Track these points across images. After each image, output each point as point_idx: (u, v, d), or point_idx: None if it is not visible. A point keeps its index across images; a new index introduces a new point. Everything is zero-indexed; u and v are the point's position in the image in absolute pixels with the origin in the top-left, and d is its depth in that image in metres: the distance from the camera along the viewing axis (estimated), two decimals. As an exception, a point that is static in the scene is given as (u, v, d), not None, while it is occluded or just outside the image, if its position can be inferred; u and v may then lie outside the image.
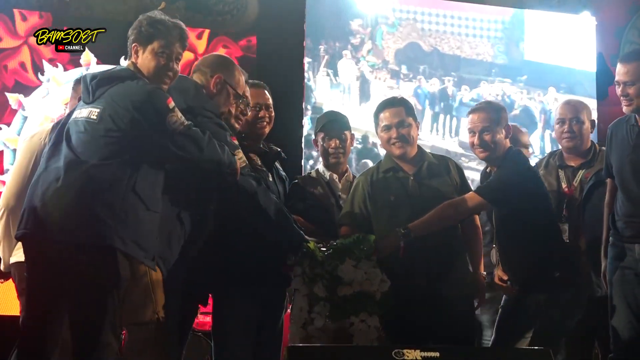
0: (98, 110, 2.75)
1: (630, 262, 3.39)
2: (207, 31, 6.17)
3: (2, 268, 3.59)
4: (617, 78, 3.47)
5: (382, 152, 6.23)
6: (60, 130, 2.86)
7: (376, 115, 3.56)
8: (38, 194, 2.74)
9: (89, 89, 2.82)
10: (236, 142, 3.11)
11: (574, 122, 3.84)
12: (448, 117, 6.64)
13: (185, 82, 3.13)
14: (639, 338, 3.39)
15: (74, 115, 2.83)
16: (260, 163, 3.44)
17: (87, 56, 5.86)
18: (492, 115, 3.44)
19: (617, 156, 3.47)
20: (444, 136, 6.45)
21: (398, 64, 6.62)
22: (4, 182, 3.95)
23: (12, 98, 5.72)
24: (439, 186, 3.45)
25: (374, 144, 6.18)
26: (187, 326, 3.33)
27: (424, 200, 3.37)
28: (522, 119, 6.63)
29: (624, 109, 3.49)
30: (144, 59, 2.88)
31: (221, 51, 5.97)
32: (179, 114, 2.80)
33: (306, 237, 3.22)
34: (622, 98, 3.45)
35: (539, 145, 6.69)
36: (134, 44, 2.90)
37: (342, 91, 6.37)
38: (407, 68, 6.65)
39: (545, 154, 4.30)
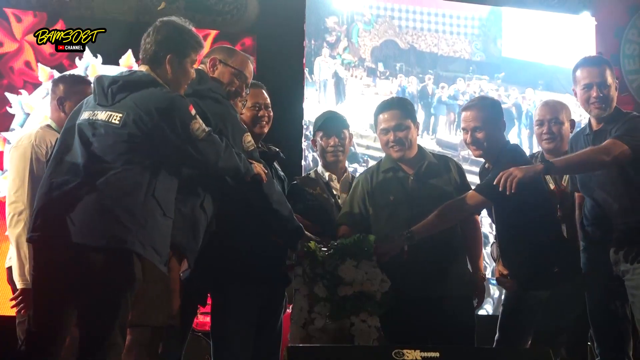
0: (120, 115, 2.73)
1: (605, 265, 3.40)
2: (207, 31, 6.17)
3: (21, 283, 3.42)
4: (587, 80, 3.45)
5: (360, 150, 6.32)
6: (70, 131, 2.83)
7: (375, 116, 3.56)
8: (50, 196, 2.72)
9: (106, 92, 2.79)
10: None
11: (553, 123, 3.81)
12: (425, 115, 6.62)
13: None
14: (621, 339, 3.42)
15: (85, 116, 2.80)
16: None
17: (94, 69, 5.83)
18: (484, 112, 3.42)
19: None
20: (422, 135, 6.44)
21: (374, 61, 6.59)
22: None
23: None
24: (439, 186, 3.45)
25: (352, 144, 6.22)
26: (186, 326, 3.33)
27: (423, 200, 3.37)
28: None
29: (596, 112, 3.45)
30: (179, 70, 2.88)
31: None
32: (200, 121, 2.81)
33: (305, 232, 3.23)
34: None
35: (517, 142, 6.67)
36: (169, 54, 2.85)
37: (318, 89, 6.35)
38: (383, 66, 6.61)
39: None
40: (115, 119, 2.73)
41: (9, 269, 3.48)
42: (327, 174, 3.74)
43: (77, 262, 2.63)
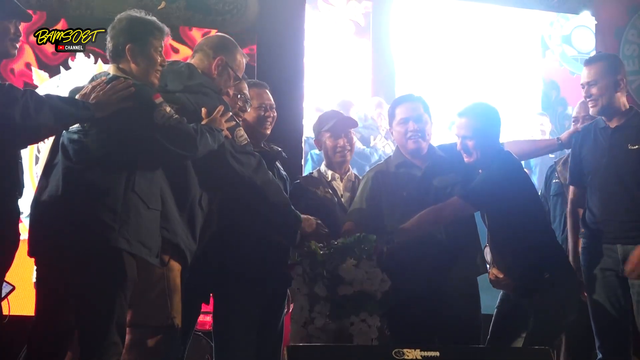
0: None
1: (610, 263, 3.42)
2: (207, 31, 6.17)
3: None
4: (582, 80, 3.54)
5: (359, 146, 6.32)
6: (55, 146, 2.89)
7: (392, 109, 3.58)
8: (40, 211, 2.78)
9: None
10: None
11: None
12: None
13: (177, 64, 3.18)
14: (624, 338, 3.43)
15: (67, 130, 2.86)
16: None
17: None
18: (476, 121, 3.42)
19: (591, 161, 3.50)
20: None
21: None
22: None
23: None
24: (449, 181, 3.46)
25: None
26: (189, 325, 3.33)
27: (433, 195, 3.39)
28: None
29: (591, 110, 3.55)
30: (142, 58, 2.89)
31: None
32: (168, 109, 2.82)
33: (301, 215, 3.23)
34: (587, 99, 3.56)
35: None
36: (128, 45, 2.88)
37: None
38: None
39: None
40: (84, 123, 2.79)
41: None
42: (330, 173, 3.74)
43: (71, 266, 2.69)
